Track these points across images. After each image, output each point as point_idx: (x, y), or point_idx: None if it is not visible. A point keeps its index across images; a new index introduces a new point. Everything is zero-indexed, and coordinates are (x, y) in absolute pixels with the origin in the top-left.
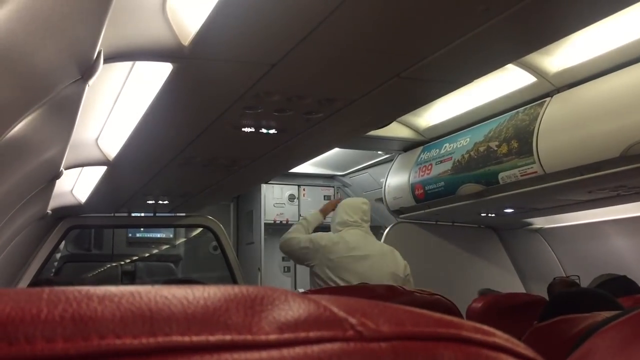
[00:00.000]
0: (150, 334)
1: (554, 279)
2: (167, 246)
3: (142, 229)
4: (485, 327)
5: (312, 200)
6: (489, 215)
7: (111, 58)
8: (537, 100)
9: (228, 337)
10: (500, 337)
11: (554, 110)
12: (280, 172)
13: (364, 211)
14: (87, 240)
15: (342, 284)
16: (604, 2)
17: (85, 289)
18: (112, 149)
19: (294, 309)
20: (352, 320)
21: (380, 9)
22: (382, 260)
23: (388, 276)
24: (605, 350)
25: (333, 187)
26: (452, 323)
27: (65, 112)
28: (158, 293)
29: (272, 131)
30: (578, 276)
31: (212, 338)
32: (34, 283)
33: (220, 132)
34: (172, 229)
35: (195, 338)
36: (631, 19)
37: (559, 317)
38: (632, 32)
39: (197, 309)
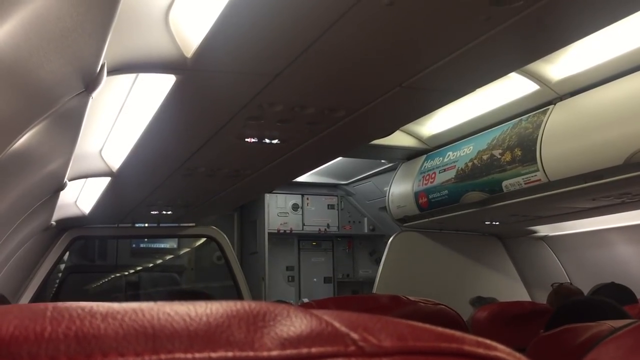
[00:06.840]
0: (153, 352)
1: (552, 284)
2: (171, 256)
3: (146, 240)
4: (488, 341)
5: (316, 209)
6: (493, 223)
7: (115, 70)
8: (540, 108)
9: (230, 354)
10: (503, 351)
11: (557, 118)
12: (283, 181)
13: None
14: (91, 251)
15: None
16: (606, 11)
17: (88, 306)
18: (116, 160)
19: (296, 325)
20: (354, 336)
21: (382, 19)
22: None
23: None
24: None
25: (337, 196)
26: (454, 337)
27: (69, 124)
28: (161, 310)
29: (275, 141)
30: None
31: (214, 355)
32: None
33: (224, 143)
34: (176, 240)
35: (197, 355)
36: (633, 27)
37: (564, 326)
38: (634, 40)
39: (200, 325)
